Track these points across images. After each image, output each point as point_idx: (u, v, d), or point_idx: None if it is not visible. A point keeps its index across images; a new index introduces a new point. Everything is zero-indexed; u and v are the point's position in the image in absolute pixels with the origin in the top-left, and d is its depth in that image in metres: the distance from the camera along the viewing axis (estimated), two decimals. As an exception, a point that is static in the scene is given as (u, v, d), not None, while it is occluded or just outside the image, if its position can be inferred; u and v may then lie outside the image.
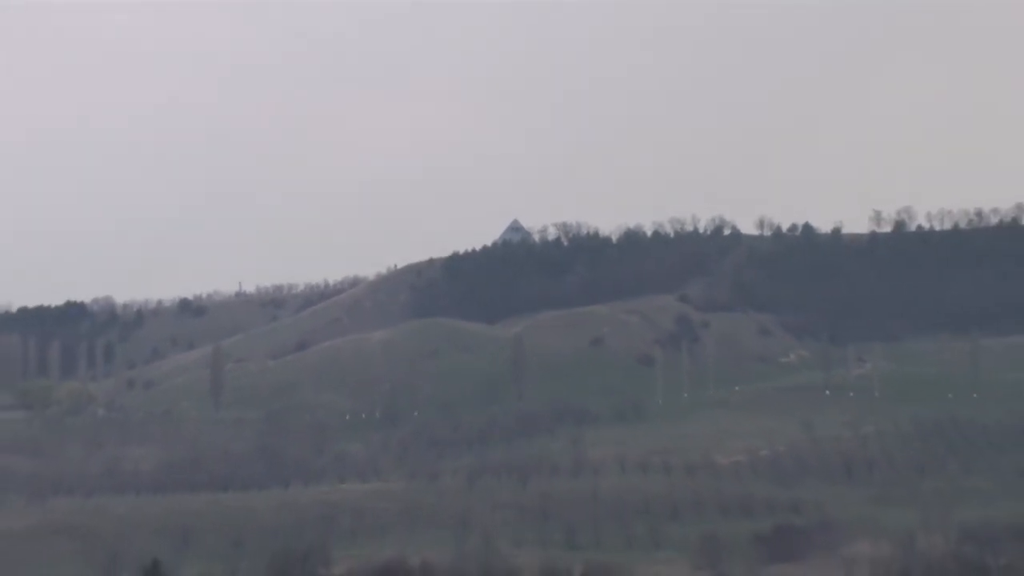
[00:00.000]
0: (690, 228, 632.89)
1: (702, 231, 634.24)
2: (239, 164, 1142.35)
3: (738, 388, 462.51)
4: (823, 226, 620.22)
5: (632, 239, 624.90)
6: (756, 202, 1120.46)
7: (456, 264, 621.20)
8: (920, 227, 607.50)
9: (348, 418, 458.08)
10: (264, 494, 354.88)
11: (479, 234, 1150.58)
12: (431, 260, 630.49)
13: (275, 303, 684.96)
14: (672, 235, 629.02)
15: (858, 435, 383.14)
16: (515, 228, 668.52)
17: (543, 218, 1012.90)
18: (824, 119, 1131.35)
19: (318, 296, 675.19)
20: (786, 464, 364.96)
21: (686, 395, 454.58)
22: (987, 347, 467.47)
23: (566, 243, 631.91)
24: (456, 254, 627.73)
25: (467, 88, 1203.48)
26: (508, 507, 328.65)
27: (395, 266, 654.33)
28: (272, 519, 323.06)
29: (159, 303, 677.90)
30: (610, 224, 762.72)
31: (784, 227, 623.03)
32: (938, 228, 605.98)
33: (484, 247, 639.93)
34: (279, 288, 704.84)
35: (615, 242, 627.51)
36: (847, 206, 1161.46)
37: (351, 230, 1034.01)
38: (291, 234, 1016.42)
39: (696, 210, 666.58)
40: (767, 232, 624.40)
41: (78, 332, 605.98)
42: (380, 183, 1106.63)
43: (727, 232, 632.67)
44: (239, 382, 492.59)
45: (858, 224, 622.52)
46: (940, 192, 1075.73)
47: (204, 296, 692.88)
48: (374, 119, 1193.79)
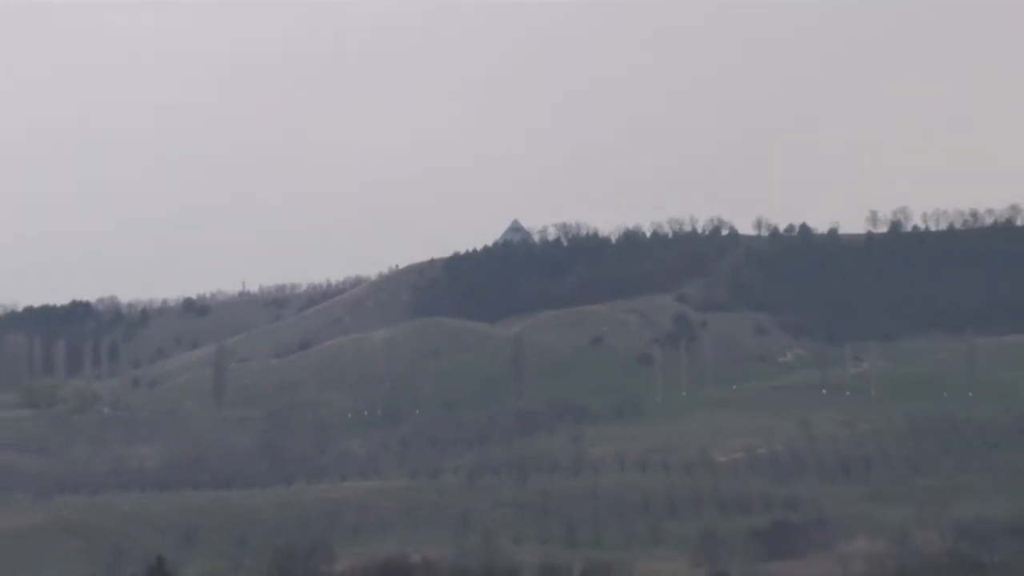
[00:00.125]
0: (688, 228, 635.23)
1: (700, 231, 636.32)
2: (241, 164, 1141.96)
3: (736, 387, 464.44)
4: (820, 226, 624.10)
5: (631, 239, 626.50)
6: (754, 202, 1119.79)
7: (457, 264, 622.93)
8: (916, 227, 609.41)
9: (350, 416, 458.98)
10: (267, 492, 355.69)
11: (479, 234, 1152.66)
12: (432, 260, 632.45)
13: (278, 303, 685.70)
14: (671, 235, 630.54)
15: (854, 433, 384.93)
16: (515, 228, 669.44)
17: (543, 218, 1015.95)
18: (822, 120, 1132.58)
19: (320, 296, 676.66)
20: (783, 462, 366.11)
21: (684, 394, 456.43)
22: (982, 346, 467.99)
23: (566, 243, 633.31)
24: (457, 254, 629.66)
25: (467, 88, 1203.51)
26: (508, 505, 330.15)
27: (397, 266, 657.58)
28: (275, 516, 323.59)
29: (163, 303, 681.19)
30: (609, 224, 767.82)
31: (781, 227, 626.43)
32: (933, 228, 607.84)
33: (485, 247, 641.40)
34: (282, 288, 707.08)
35: (614, 242, 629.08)
36: (844, 206, 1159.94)
37: (352, 230, 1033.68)
38: (293, 234, 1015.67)
39: (694, 210, 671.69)
40: (764, 232, 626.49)
41: (83, 331, 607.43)
42: (380, 183, 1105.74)
43: (725, 232, 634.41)
44: (242, 381, 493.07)
45: (855, 224, 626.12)
46: (936, 192, 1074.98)
47: (208, 296, 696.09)
48: (374, 119, 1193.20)
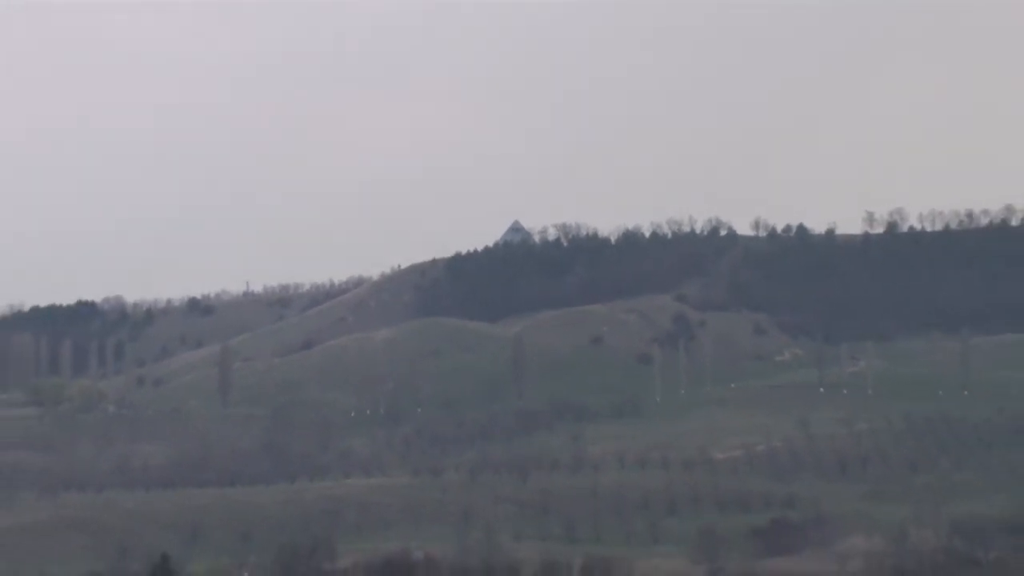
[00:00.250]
0: (687, 229, 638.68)
1: (699, 232, 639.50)
2: (242, 164, 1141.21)
3: (734, 386, 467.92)
4: (817, 227, 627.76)
5: (630, 240, 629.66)
6: (752, 202, 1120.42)
7: (458, 264, 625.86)
8: (912, 228, 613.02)
9: (353, 415, 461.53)
10: (271, 489, 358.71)
11: (480, 234, 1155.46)
12: (434, 260, 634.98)
13: (281, 302, 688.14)
14: (669, 236, 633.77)
15: (852, 432, 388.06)
16: (516, 229, 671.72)
17: (543, 219, 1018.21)
18: (820, 120, 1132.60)
19: (324, 296, 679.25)
20: (781, 460, 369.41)
21: (683, 392, 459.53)
22: (977, 346, 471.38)
23: (566, 244, 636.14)
24: (458, 255, 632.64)
25: (467, 88, 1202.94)
26: (509, 502, 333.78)
27: (399, 266, 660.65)
28: (279, 514, 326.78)
29: (168, 302, 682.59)
30: (609, 225, 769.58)
31: (779, 228, 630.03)
32: (930, 229, 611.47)
33: (486, 248, 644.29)
34: (285, 288, 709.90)
35: (614, 243, 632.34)
36: (841, 207, 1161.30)
37: (352, 230, 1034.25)
38: (295, 234, 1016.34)
39: (693, 211, 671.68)
40: (762, 233, 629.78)
41: (89, 331, 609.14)
42: (381, 183, 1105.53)
43: (723, 233, 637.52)
44: (246, 380, 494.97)
45: (852, 225, 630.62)
46: (932, 193, 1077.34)
47: (212, 296, 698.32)
48: (374, 119, 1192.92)
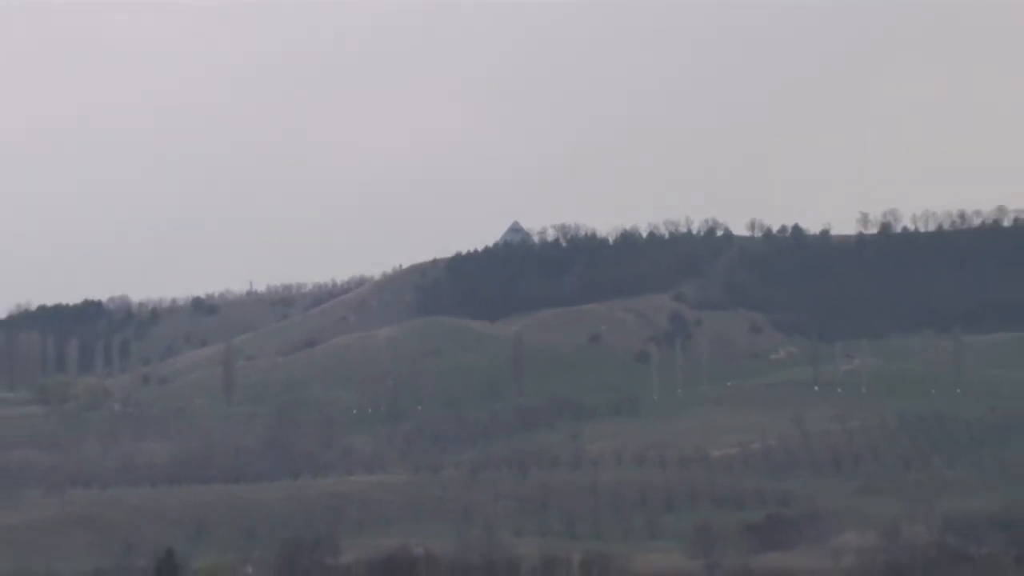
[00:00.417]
0: (684, 230, 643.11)
1: (695, 232, 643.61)
2: (242, 164, 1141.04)
3: (730, 384, 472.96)
4: (812, 227, 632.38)
5: (628, 240, 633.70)
6: (748, 203, 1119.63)
7: (459, 264, 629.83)
8: (905, 229, 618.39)
9: (355, 413, 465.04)
10: (274, 486, 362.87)
11: (480, 234, 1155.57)
12: (435, 260, 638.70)
13: (285, 302, 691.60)
14: (667, 236, 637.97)
15: (846, 429, 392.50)
16: (515, 229, 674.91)
17: (543, 219, 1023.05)
18: (816, 121, 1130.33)
19: (326, 295, 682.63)
20: (777, 457, 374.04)
21: (680, 391, 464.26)
22: (970, 344, 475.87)
23: (565, 244, 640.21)
24: (459, 255, 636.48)
25: (467, 88, 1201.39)
26: (509, 499, 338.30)
27: (400, 266, 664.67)
28: (282, 510, 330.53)
29: (173, 302, 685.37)
30: (607, 225, 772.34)
31: (774, 228, 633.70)
32: (923, 230, 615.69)
33: (486, 248, 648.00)
34: (288, 287, 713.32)
35: (612, 243, 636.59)
36: (835, 208, 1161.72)
37: (353, 230, 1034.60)
38: (298, 234, 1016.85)
39: (690, 212, 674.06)
40: (758, 233, 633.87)
41: (95, 330, 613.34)
42: (381, 183, 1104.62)
43: (720, 233, 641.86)
44: (250, 378, 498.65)
45: (846, 226, 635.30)
46: (925, 194, 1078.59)
47: (216, 295, 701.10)
48: (374, 119, 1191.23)
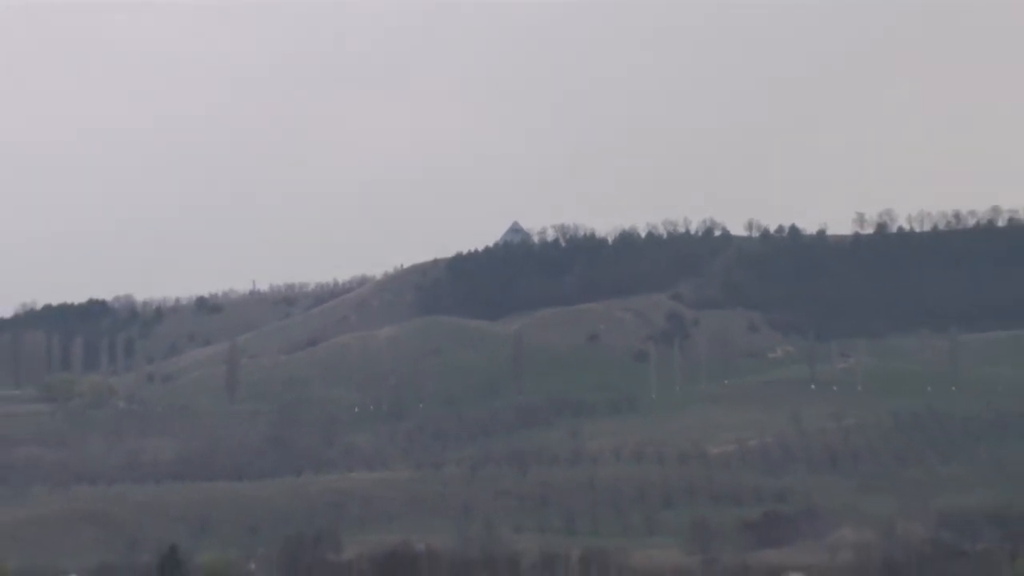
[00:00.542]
0: (682, 230, 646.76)
1: (693, 232, 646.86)
2: (242, 164, 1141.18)
3: (728, 382, 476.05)
4: (809, 227, 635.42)
5: (627, 240, 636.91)
6: (745, 203, 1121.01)
7: (459, 264, 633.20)
8: (901, 228, 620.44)
9: (356, 411, 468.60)
10: (277, 483, 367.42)
11: (480, 234, 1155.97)
12: (435, 260, 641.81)
13: (287, 301, 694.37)
14: (665, 236, 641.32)
15: (842, 427, 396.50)
16: (515, 229, 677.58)
17: (542, 219, 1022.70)
18: (813, 123, 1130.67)
19: (328, 294, 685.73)
20: (774, 454, 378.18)
21: (678, 389, 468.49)
22: (965, 343, 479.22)
23: (564, 244, 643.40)
24: (459, 255, 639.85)
25: (467, 88, 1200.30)
26: (509, 495, 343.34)
27: (401, 266, 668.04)
28: (284, 507, 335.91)
29: (177, 301, 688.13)
30: (606, 225, 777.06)
31: (772, 228, 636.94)
32: (918, 230, 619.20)
33: (486, 248, 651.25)
34: (291, 287, 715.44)
35: (611, 243, 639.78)
36: (832, 208, 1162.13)
37: (353, 230, 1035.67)
38: (299, 235, 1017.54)
39: (688, 212, 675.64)
40: (755, 233, 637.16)
41: (100, 328, 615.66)
42: (381, 183, 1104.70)
43: (717, 233, 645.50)
44: (253, 377, 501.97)
45: (842, 226, 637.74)
46: (920, 194, 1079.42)
47: (220, 294, 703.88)
48: (374, 119, 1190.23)
